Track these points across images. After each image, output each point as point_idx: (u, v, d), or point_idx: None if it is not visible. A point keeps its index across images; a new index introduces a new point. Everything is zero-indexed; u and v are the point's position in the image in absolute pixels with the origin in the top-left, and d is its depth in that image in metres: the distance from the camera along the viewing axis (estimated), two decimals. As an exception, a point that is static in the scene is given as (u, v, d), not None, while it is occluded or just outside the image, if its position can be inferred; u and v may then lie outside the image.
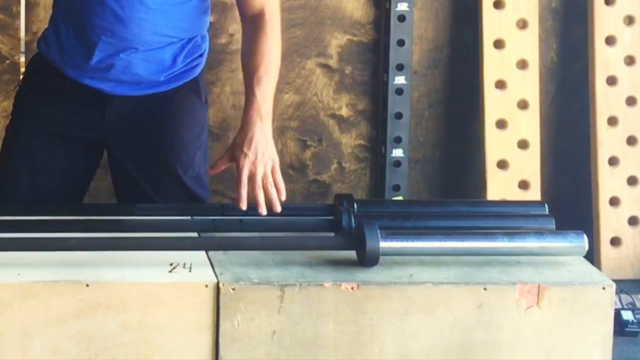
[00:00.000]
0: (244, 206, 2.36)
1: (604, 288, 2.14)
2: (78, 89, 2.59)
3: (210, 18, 2.69)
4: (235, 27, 3.55)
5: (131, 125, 2.62)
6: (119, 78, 2.57)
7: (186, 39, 2.59)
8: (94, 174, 2.74)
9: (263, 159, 2.41)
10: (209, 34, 2.69)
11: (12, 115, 2.72)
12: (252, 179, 2.39)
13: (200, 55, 2.66)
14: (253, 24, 2.54)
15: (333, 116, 3.77)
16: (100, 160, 2.73)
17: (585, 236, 2.23)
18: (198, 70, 2.66)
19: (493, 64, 3.68)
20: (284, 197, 2.40)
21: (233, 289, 2.05)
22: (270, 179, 2.40)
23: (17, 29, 3.49)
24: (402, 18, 3.67)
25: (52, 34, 2.61)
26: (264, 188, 2.38)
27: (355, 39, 3.74)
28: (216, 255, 2.20)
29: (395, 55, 3.68)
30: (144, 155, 2.64)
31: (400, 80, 3.69)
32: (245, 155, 2.41)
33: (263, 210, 2.35)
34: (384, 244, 2.14)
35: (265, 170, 2.40)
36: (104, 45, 2.52)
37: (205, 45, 2.68)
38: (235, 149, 2.44)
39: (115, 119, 2.62)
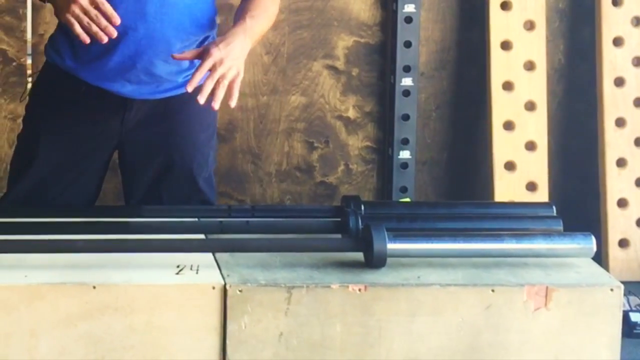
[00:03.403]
0: (190, 88, 2.34)
1: (612, 290, 2.13)
2: (96, 95, 2.57)
3: (217, 20, 2.70)
4: (242, 28, 3.54)
5: (149, 128, 2.62)
6: (139, 79, 2.56)
7: (201, 38, 2.60)
8: (105, 175, 2.74)
9: (231, 62, 2.38)
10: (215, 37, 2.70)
11: (26, 126, 2.68)
12: (212, 70, 2.36)
13: None
14: None
15: (340, 118, 3.77)
16: (110, 161, 2.72)
17: (593, 238, 2.23)
18: None
19: (500, 66, 3.68)
20: (233, 105, 2.39)
21: (240, 291, 2.05)
22: (226, 82, 2.37)
23: (24, 31, 3.50)
24: (409, 19, 3.67)
25: (64, 41, 2.58)
26: (216, 84, 2.35)
27: (362, 40, 3.74)
28: (223, 257, 2.19)
29: (402, 56, 3.68)
30: (160, 156, 2.64)
31: (407, 81, 3.69)
32: (219, 49, 2.38)
33: (202, 100, 2.33)
34: (391, 246, 2.14)
35: (227, 72, 2.37)
36: (126, 45, 2.51)
37: None
38: (211, 44, 2.42)
39: (134, 123, 2.61)
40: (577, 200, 3.81)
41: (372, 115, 3.78)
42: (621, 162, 3.71)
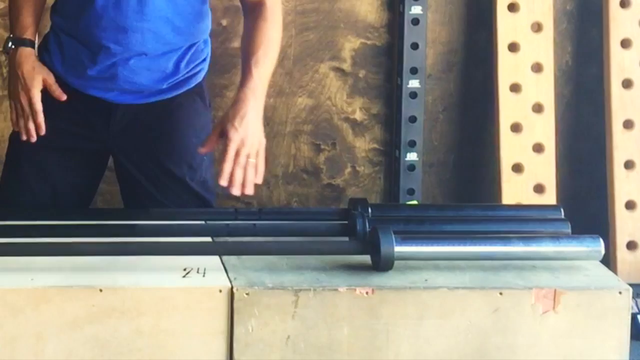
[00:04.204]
0: (224, 182, 2.34)
1: (620, 292, 2.12)
2: (81, 99, 2.58)
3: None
4: (248, 31, 3.54)
5: (136, 133, 2.61)
6: (122, 88, 2.56)
7: (188, 45, 2.58)
8: (100, 180, 2.74)
9: (252, 138, 2.39)
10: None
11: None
12: (237, 155, 2.36)
13: (203, 60, 2.65)
14: (253, 11, 2.52)
15: (347, 120, 3.76)
16: (106, 165, 2.72)
17: (601, 240, 2.22)
18: (201, 76, 2.65)
19: (508, 68, 3.67)
20: (260, 181, 2.38)
21: (247, 294, 2.04)
22: (253, 160, 2.38)
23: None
24: (415, 21, 3.66)
25: (55, 44, 2.60)
26: (245, 167, 2.36)
27: (369, 42, 3.73)
28: (230, 259, 2.19)
29: (409, 58, 3.67)
30: (150, 162, 2.63)
31: (414, 83, 3.68)
32: (236, 130, 2.38)
33: (236, 191, 2.34)
34: (399, 249, 2.13)
35: (251, 150, 2.38)
36: (106, 55, 2.52)
37: (208, 50, 2.67)
38: (226, 123, 2.40)
39: (120, 127, 2.61)
40: (584, 203, 3.80)
41: (379, 117, 3.77)
42: (629, 164, 3.70)
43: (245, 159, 2.36)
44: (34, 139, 2.55)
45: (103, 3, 2.47)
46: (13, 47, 2.59)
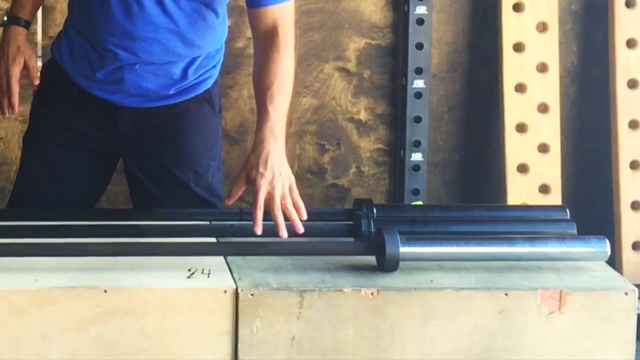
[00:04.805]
0: (259, 230, 2.24)
1: (626, 293, 2.12)
2: (88, 99, 2.58)
3: (228, 22, 2.67)
4: (253, 31, 3.53)
5: (143, 136, 2.61)
6: (128, 92, 2.55)
7: (191, 58, 2.55)
8: (109, 181, 2.73)
9: (280, 178, 2.30)
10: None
11: (29, 121, 2.73)
12: (270, 200, 2.28)
13: (214, 67, 2.63)
14: (266, 40, 2.46)
15: (351, 120, 3.76)
16: (115, 167, 2.72)
17: (607, 241, 2.21)
18: (210, 82, 2.63)
19: (513, 68, 3.66)
20: (304, 217, 2.29)
21: (252, 295, 2.04)
22: (289, 199, 2.29)
23: (34, 34, 3.49)
24: (420, 21, 3.66)
25: (65, 42, 2.60)
26: (283, 209, 2.27)
27: (374, 42, 3.72)
28: (235, 260, 2.19)
29: (414, 58, 3.67)
30: (156, 166, 2.63)
31: (419, 83, 3.68)
32: (262, 175, 2.30)
33: (284, 234, 2.24)
34: (404, 249, 2.13)
35: (283, 190, 2.29)
36: (113, 60, 2.51)
37: (219, 57, 2.64)
38: (251, 169, 2.32)
39: (126, 130, 2.60)
40: (590, 203, 3.79)
41: (383, 118, 3.77)
42: (635, 165, 3.69)
43: (279, 201, 2.27)
44: (6, 115, 2.64)
45: (114, 9, 2.46)
46: (7, 23, 2.65)
